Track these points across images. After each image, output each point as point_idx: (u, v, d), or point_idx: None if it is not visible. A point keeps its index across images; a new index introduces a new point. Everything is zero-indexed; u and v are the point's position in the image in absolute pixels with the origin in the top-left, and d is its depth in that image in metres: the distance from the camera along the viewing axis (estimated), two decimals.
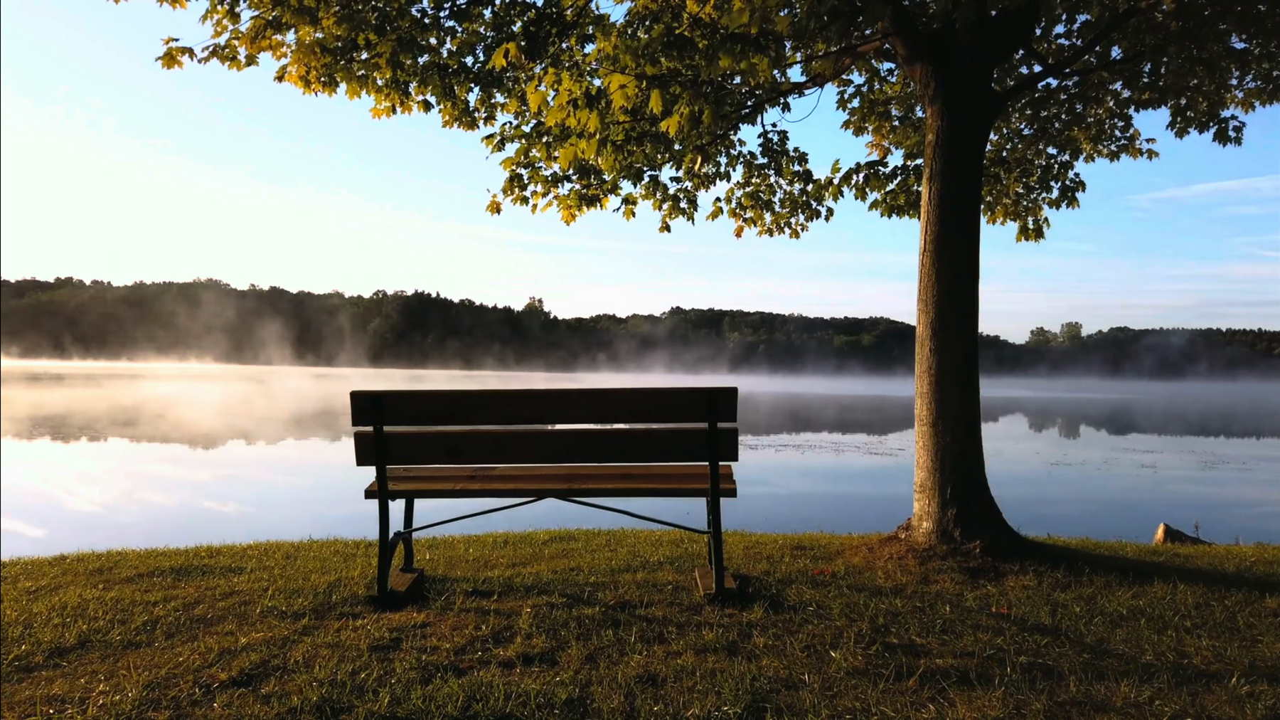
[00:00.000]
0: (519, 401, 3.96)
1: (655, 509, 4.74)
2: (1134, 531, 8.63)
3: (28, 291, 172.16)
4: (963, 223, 5.07)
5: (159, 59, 5.04)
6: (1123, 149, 6.99)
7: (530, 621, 3.56)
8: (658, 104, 4.50)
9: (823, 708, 2.71)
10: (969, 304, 5.05)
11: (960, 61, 5.08)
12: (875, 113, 7.15)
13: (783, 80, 6.45)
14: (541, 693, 2.78)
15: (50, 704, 2.71)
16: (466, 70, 5.85)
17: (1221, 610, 3.91)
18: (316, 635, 3.40)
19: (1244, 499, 14.06)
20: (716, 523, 4.08)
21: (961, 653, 3.25)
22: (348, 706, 2.68)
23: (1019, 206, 7.26)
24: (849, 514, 11.39)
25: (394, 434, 3.93)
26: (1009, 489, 13.32)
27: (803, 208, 7.39)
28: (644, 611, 3.74)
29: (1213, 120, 5.98)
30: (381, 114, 5.79)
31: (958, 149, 5.07)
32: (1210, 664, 3.16)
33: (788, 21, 4.23)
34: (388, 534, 3.96)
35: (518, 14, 5.72)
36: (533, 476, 4.28)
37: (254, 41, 5.13)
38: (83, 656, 3.17)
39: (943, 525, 4.84)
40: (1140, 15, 5.29)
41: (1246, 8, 5.08)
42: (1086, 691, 2.86)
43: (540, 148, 6.25)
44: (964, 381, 4.99)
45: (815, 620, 3.63)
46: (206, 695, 2.78)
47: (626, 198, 6.70)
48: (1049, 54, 6.28)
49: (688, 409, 3.91)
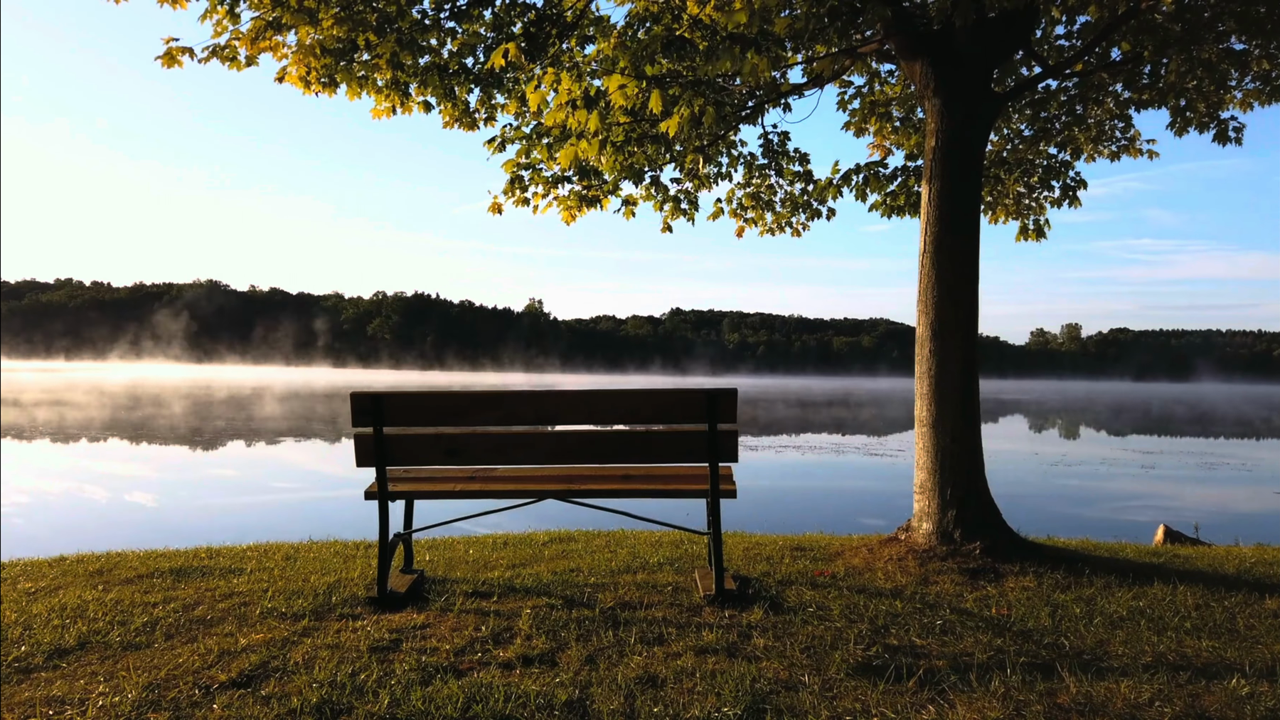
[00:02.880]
0: (519, 402, 3.96)
1: (655, 510, 4.74)
2: (1134, 532, 8.64)
3: (26, 293, 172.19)
4: (963, 224, 5.07)
5: (159, 58, 5.04)
6: (1123, 149, 6.99)
7: (530, 623, 3.55)
8: (658, 104, 4.50)
9: (823, 709, 2.71)
10: (969, 305, 5.05)
11: (960, 62, 5.08)
12: (876, 114, 7.14)
13: (783, 81, 6.45)
14: (541, 694, 2.78)
15: (50, 705, 2.71)
16: (467, 71, 5.85)
17: (1221, 611, 3.91)
18: (316, 636, 3.40)
19: (1243, 499, 14.06)
20: (716, 524, 4.08)
21: (961, 654, 3.25)
22: (347, 708, 2.68)
23: (1020, 206, 7.26)
24: (849, 514, 11.39)
25: (394, 435, 3.93)
26: (1009, 490, 13.32)
27: (804, 207, 7.39)
28: (644, 613, 3.74)
29: (1213, 121, 5.99)
30: (382, 114, 5.79)
31: (957, 150, 5.07)
32: (1210, 665, 3.16)
33: (787, 23, 4.23)
34: (387, 535, 3.96)
35: (518, 15, 5.72)
36: (532, 478, 4.28)
37: (254, 42, 5.13)
38: (82, 658, 3.16)
39: (943, 526, 4.84)
40: (1140, 16, 5.29)
41: (1246, 9, 5.08)
42: (1086, 693, 2.86)
43: (541, 149, 6.24)
44: (964, 382, 4.99)
45: (815, 621, 3.63)
46: (206, 696, 2.78)
47: (627, 198, 6.70)
48: (1049, 55, 6.28)
49: (687, 410, 3.91)
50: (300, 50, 5.20)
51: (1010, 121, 7.01)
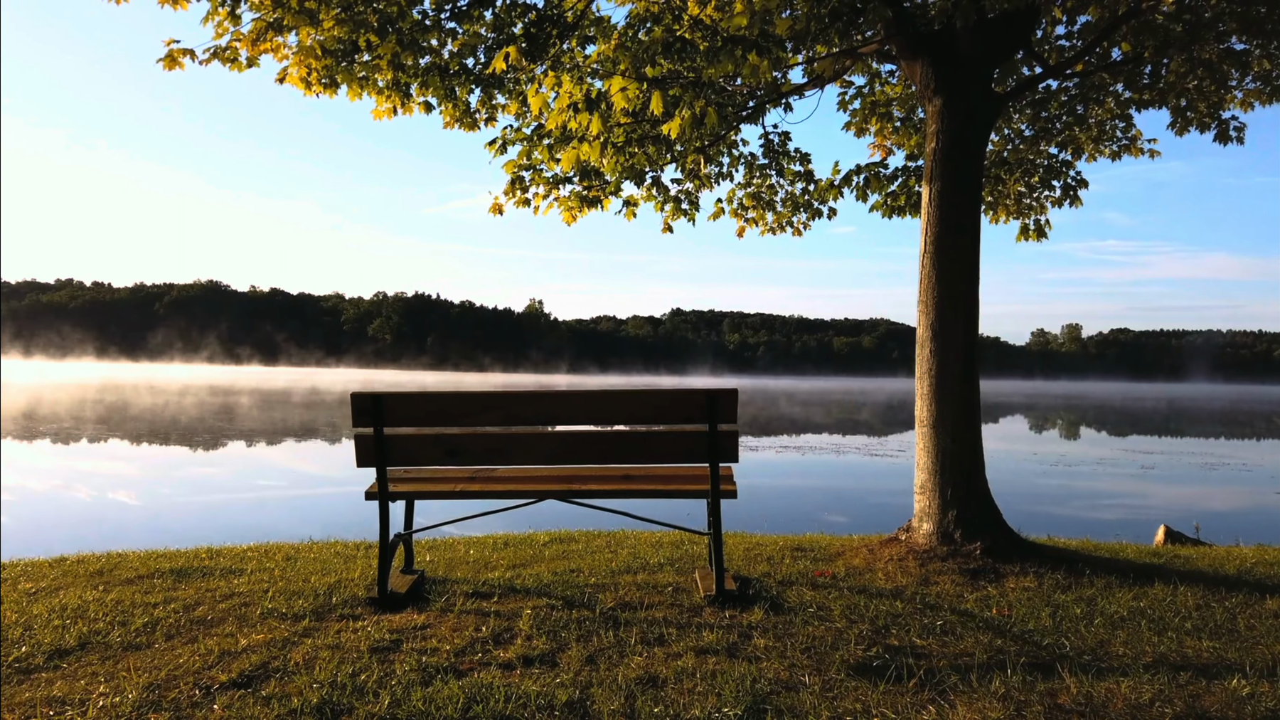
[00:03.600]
0: (519, 403, 3.96)
1: (655, 510, 4.74)
2: (1135, 532, 8.63)
3: (27, 294, 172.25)
4: (963, 224, 5.07)
5: (160, 60, 5.04)
6: (1124, 149, 6.99)
7: (530, 623, 3.55)
8: (659, 106, 4.50)
9: (823, 709, 2.71)
10: (969, 305, 5.05)
11: (960, 63, 5.08)
12: (876, 114, 7.14)
13: (783, 81, 6.44)
14: (542, 694, 2.78)
15: (50, 706, 2.71)
16: (468, 72, 5.85)
17: (1222, 612, 3.91)
18: (316, 637, 3.40)
19: (1244, 499, 14.05)
20: (717, 524, 4.07)
21: (962, 654, 3.24)
22: (348, 708, 2.68)
23: (1021, 206, 7.26)
24: (849, 515, 11.38)
25: (394, 435, 3.93)
26: (1009, 490, 13.32)
27: (805, 207, 7.39)
28: (644, 613, 3.74)
29: (1213, 121, 5.99)
30: (383, 115, 5.79)
31: (958, 150, 5.07)
32: (1211, 665, 3.16)
33: (788, 24, 4.23)
34: (388, 535, 3.96)
35: (518, 15, 5.72)
36: (533, 478, 4.28)
37: (255, 43, 5.13)
38: (82, 658, 3.16)
39: (943, 527, 4.84)
40: (1140, 17, 5.29)
41: (1246, 9, 5.08)
42: (1087, 693, 2.86)
43: (542, 149, 6.24)
44: (964, 383, 4.99)
45: (816, 622, 3.63)
46: (206, 697, 2.78)
47: (628, 199, 6.70)
48: (1049, 55, 6.28)
49: (688, 410, 3.91)
50: (301, 51, 5.20)
51: (1011, 121, 7.00)
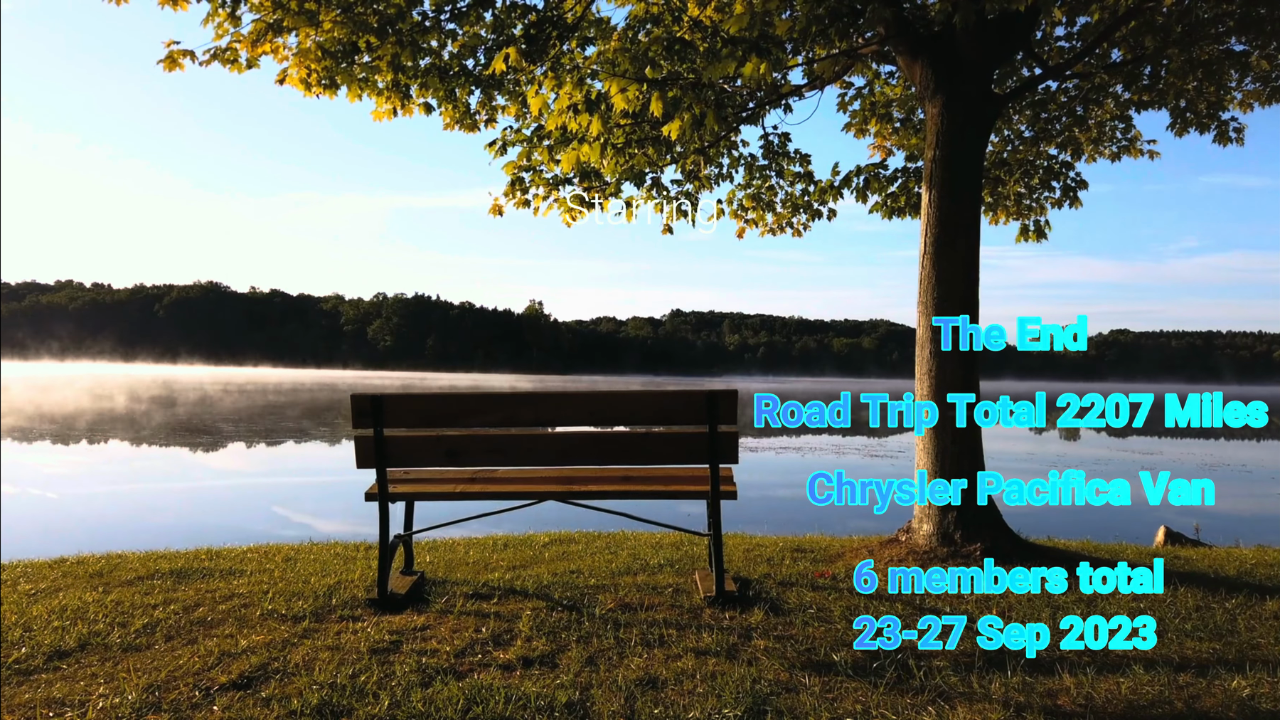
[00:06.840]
0: (519, 404, 3.95)
1: (655, 511, 4.73)
2: (1135, 534, 8.62)
3: (27, 295, 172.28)
4: (963, 225, 5.07)
5: (160, 62, 5.05)
6: (1124, 150, 7.00)
7: (530, 624, 3.55)
8: (659, 108, 4.50)
9: (823, 711, 2.71)
10: (969, 306, 5.05)
11: (960, 64, 5.08)
12: (876, 115, 7.15)
13: (783, 83, 6.45)
14: (541, 695, 2.78)
15: (50, 707, 2.71)
16: (467, 73, 5.85)
17: (1222, 613, 3.91)
18: (316, 638, 3.40)
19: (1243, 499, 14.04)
20: (717, 525, 4.07)
21: (962, 655, 3.24)
22: (347, 709, 2.68)
23: (1020, 206, 7.27)
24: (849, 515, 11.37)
25: (394, 436, 3.92)
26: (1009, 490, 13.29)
27: (804, 208, 7.39)
28: (644, 614, 3.74)
29: (1213, 121, 5.99)
30: (383, 116, 5.80)
31: (958, 151, 5.08)
32: (1211, 666, 3.16)
33: (788, 25, 4.23)
34: (388, 536, 3.96)
35: (518, 16, 5.73)
36: (533, 479, 4.28)
37: (255, 44, 5.14)
38: (82, 659, 3.16)
39: (943, 528, 4.84)
40: (1140, 18, 5.29)
41: (1245, 10, 5.09)
42: (1087, 694, 2.86)
43: (542, 151, 6.25)
44: (964, 384, 4.99)
45: (816, 623, 3.63)
46: (206, 698, 2.78)
47: (627, 200, 6.70)
48: (1049, 56, 6.29)
49: (688, 411, 3.90)
50: (301, 52, 5.21)
51: (1011, 122, 7.01)
